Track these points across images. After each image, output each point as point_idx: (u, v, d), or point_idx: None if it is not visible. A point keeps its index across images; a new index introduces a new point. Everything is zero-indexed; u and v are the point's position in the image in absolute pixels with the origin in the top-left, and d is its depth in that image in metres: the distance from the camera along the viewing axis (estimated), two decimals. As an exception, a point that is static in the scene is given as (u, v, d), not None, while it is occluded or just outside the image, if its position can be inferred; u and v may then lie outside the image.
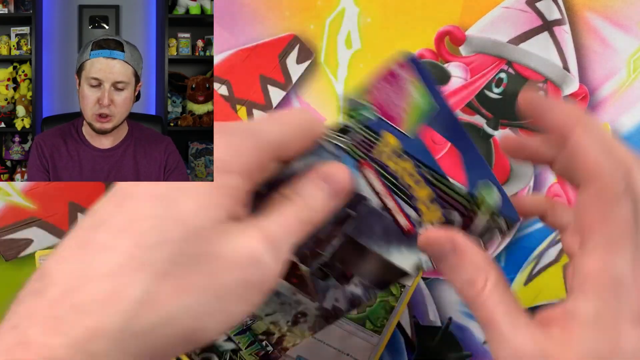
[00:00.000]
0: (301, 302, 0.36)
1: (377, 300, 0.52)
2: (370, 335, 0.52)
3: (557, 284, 0.57)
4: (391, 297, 0.54)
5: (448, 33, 0.56)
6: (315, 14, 0.56)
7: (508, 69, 0.56)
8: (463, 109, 0.57)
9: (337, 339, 0.52)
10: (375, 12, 0.56)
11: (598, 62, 0.57)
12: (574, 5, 0.56)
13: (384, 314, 0.53)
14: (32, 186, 0.54)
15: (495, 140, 0.57)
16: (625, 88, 0.57)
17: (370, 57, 0.57)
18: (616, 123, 0.57)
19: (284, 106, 0.56)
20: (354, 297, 0.36)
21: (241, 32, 0.56)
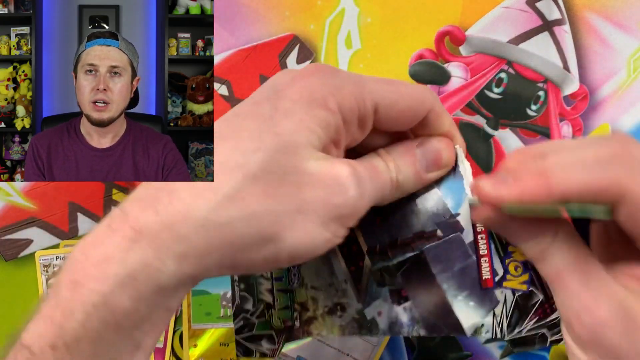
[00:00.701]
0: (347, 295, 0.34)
1: None
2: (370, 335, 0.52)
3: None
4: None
5: (448, 33, 0.56)
6: (315, 14, 0.56)
7: (508, 69, 0.56)
8: (463, 109, 0.57)
9: (337, 339, 0.52)
10: (375, 12, 0.56)
11: (598, 62, 0.57)
12: (574, 5, 0.56)
13: None
14: (32, 186, 0.54)
15: (495, 140, 0.57)
16: (626, 88, 0.57)
17: (370, 57, 0.57)
18: (616, 123, 0.57)
19: (284, 106, 0.56)
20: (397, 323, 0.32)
21: (241, 32, 0.56)
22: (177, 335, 0.54)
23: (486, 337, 0.30)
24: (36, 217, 0.54)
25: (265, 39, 0.56)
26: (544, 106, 0.56)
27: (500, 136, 0.57)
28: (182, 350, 0.54)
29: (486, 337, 0.30)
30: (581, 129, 0.57)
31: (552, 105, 0.56)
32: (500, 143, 0.57)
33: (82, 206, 0.54)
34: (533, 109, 0.56)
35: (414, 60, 0.56)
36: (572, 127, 0.56)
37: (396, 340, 0.56)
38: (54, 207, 0.54)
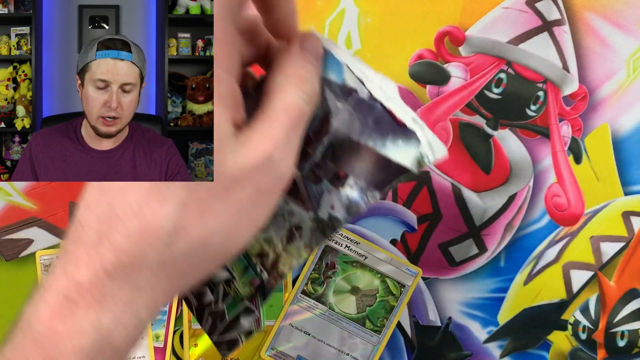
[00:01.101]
0: (294, 213, 0.33)
1: (377, 300, 0.53)
2: (370, 335, 0.52)
3: (557, 283, 0.57)
4: (391, 297, 0.54)
5: (448, 33, 0.56)
6: (316, 14, 0.56)
7: (508, 69, 0.56)
8: (463, 109, 0.57)
9: (337, 339, 0.52)
10: (375, 12, 0.56)
11: (597, 63, 0.57)
12: (573, 6, 0.57)
13: (384, 313, 0.53)
14: (33, 186, 0.54)
15: (495, 140, 0.57)
16: (625, 88, 0.57)
17: (370, 57, 0.57)
18: (615, 123, 0.57)
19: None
20: (351, 202, 0.32)
21: (241, 32, 0.56)
22: (178, 335, 0.54)
23: (429, 161, 0.30)
24: (37, 217, 0.54)
25: (265, 39, 0.56)
26: (544, 106, 0.57)
27: (500, 136, 0.57)
28: (182, 349, 0.54)
29: (429, 161, 0.30)
30: (581, 129, 0.57)
31: (552, 105, 0.57)
32: (500, 143, 0.57)
33: (83, 206, 0.54)
34: (532, 109, 0.56)
35: (414, 60, 0.57)
36: (572, 127, 0.57)
37: (396, 340, 0.56)
38: (55, 207, 0.54)
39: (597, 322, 0.57)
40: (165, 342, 0.54)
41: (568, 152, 0.57)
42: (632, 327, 0.57)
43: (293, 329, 0.53)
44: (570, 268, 0.57)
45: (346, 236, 0.52)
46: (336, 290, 0.52)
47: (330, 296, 0.52)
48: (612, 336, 0.57)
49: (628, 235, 0.57)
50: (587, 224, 0.56)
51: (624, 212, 0.57)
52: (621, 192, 0.57)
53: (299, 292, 0.52)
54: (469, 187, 0.56)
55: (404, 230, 0.56)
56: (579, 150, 0.57)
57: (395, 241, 0.55)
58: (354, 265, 0.52)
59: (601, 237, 0.57)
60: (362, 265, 0.52)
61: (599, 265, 0.57)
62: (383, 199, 0.56)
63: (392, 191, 0.56)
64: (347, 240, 0.52)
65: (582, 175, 0.56)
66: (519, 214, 0.56)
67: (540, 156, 0.57)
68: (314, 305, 0.52)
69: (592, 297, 0.57)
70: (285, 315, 0.53)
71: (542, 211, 0.57)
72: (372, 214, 0.56)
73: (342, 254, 0.52)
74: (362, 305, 0.52)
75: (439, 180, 0.56)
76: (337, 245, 0.52)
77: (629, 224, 0.57)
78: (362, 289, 0.52)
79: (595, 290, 0.57)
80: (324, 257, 0.52)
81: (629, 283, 0.57)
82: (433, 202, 0.56)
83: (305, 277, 0.52)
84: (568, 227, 0.57)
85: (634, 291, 0.57)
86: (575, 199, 0.56)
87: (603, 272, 0.57)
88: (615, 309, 0.57)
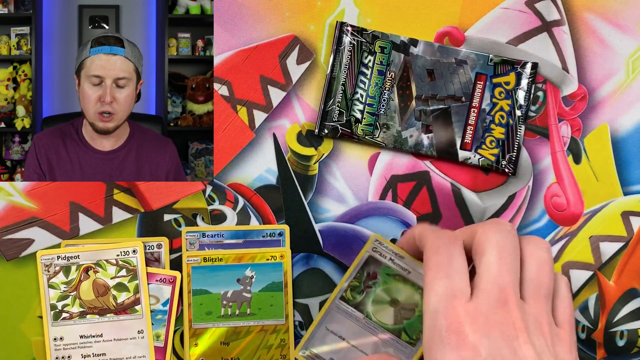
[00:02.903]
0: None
1: (415, 315, 0.53)
2: (404, 347, 0.52)
3: (556, 283, 0.57)
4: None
5: (447, 33, 0.56)
6: (316, 14, 0.56)
7: (507, 69, 0.56)
8: (462, 109, 0.57)
9: (370, 347, 0.53)
10: (375, 13, 0.56)
11: (597, 63, 0.57)
12: (573, 6, 0.57)
13: (420, 327, 0.53)
14: (33, 186, 0.55)
15: (495, 140, 0.57)
16: (624, 88, 0.57)
17: (370, 58, 0.57)
18: (615, 123, 0.57)
19: (284, 106, 0.56)
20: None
21: (241, 32, 0.56)
22: (178, 334, 0.54)
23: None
24: (37, 217, 0.54)
25: (265, 40, 0.56)
26: (543, 106, 0.57)
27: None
28: (182, 349, 0.54)
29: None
30: (580, 129, 0.57)
31: (551, 105, 0.57)
32: (500, 143, 0.57)
33: (83, 206, 0.54)
34: (532, 109, 0.57)
35: (414, 60, 0.57)
36: (571, 127, 0.57)
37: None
38: (55, 207, 0.54)
39: (597, 321, 0.57)
40: (165, 341, 0.54)
41: (567, 152, 0.57)
42: (631, 327, 0.57)
43: (328, 332, 0.53)
44: (570, 268, 0.57)
45: (391, 249, 0.53)
46: (375, 300, 0.53)
47: (368, 305, 0.53)
48: (612, 336, 0.57)
49: (627, 235, 0.57)
50: (587, 223, 0.57)
51: (623, 212, 0.57)
52: (620, 192, 0.57)
53: (337, 298, 0.53)
54: (469, 187, 0.56)
55: (404, 230, 0.56)
56: (578, 150, 0.57)
57: (395, 241, 0.56)
58: (396, 278, 0.53)
59: (600, 237, 0.57)
60: (405, 280, 0.52)
61: (598, 265, 0.57)
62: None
63: (392, 191, 0.56)
64: (391, 253, 0.53)
65: (582, 175, 0.57)
66: (518, 214, 0.57)
67: (540, 156, 0.57)
68: (351, 311, 0.53)
69: (592, 297, 0.57)
70: (321, 319, 0.53)
71: (542, 211, 0.57)
72: (371, 214, 0.56)
73: (385, 266, 0.53)
74: (400, 317, 0.53)
75: (439, 180, 0.56)
76: (382, 258, 0.53)
77: (628, 223, 0.57)
78: (402, 302, 0.53)
79: (594, 290, 0.57)
80: (366, 267, 0.53)
81: (629, 283, 0.57)
82: (433, 202, 0.56)
83: (345, 283, 0.53)
84: (567, 227, 0.57)
85: (633, 291, 0.57)
86: (574, 199, 0.57)
87: (602, 272, 0.57)
88: (615, 308, 0.57)
